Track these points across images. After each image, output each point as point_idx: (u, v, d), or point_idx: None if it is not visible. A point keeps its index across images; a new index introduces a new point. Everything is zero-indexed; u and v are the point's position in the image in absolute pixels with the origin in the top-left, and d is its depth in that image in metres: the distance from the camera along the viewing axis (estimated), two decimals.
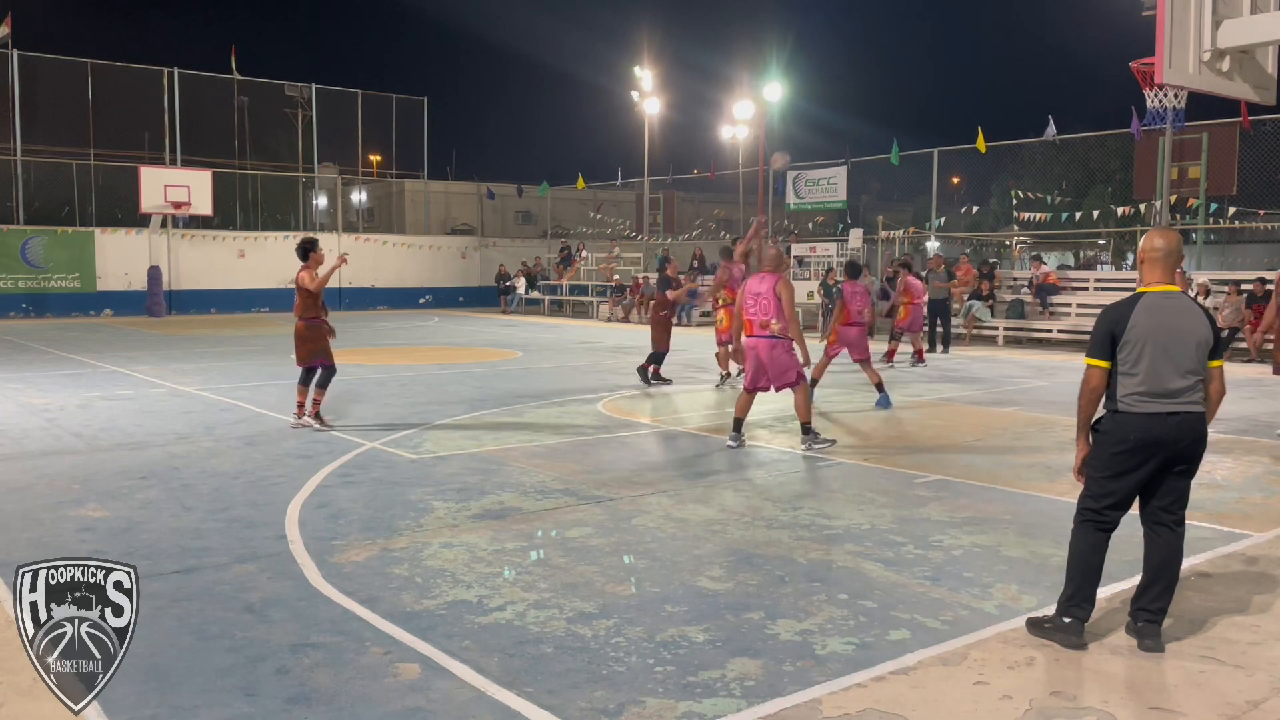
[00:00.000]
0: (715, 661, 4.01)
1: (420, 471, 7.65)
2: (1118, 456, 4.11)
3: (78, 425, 9.72)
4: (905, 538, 5.82)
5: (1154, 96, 17.73)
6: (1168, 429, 4.05)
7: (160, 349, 18.40)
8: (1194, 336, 4.08)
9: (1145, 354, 4.05)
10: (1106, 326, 4.12)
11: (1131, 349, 4.06)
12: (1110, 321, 4.12)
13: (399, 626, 4.38)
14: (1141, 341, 4.05)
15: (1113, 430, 4.12)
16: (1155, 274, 4.19)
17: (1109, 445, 4.13)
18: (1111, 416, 4.13)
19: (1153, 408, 4.05)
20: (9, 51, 30.02)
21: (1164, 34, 7.16)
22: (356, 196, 42.90)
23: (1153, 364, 4.04)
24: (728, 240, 19.08)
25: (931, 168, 24.81)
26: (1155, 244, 4.20)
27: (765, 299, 8.37)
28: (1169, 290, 4.13)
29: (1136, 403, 4.06)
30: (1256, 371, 15.24)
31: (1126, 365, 4.07)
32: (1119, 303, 4.19)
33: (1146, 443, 4.06)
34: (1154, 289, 4.15)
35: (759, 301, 8.41)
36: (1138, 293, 4.17)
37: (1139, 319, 4.07)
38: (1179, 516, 4.24)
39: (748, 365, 8.72)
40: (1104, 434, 4.16)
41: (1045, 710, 3.59)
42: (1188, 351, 4.07)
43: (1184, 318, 4.10)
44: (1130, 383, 4.07)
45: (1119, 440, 4.09)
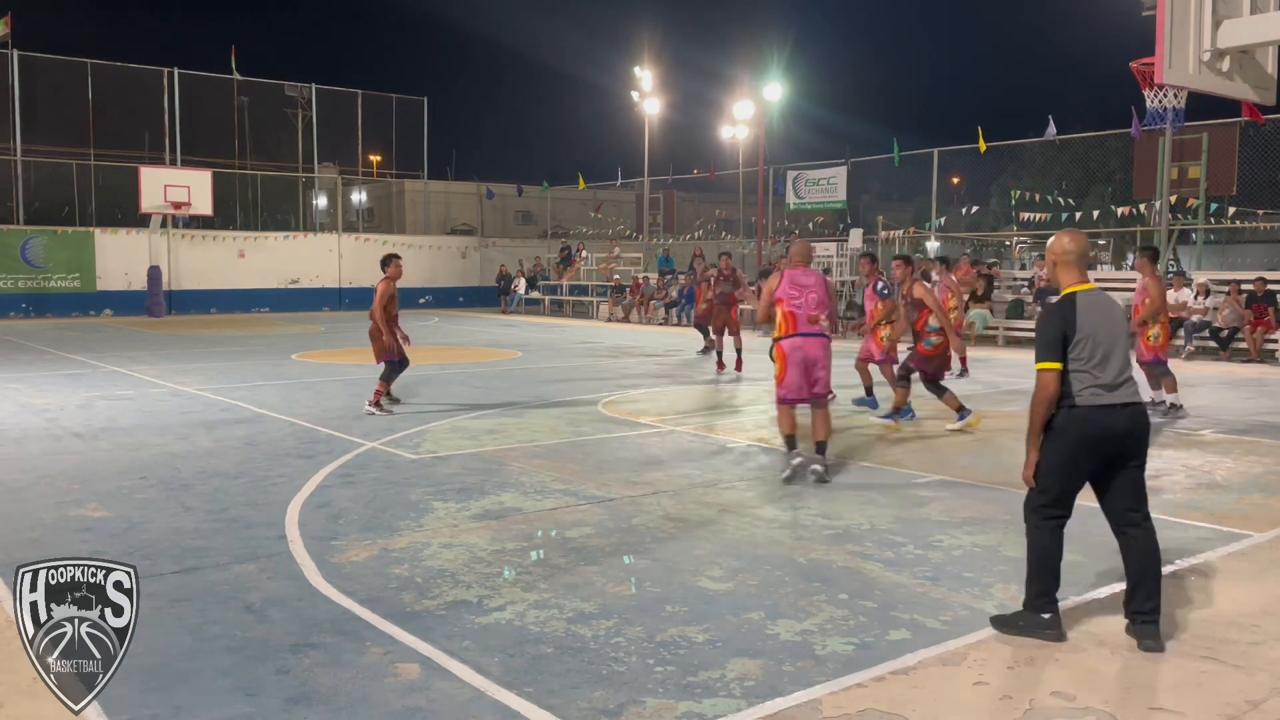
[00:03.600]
0: (715, 661, 4.01)
1: (420, 471, 7.65)
2: (1079, 451, 4.18)
3: (78, 425, 9.72)
4: (905, 538, 5.82)
5: (1154, 96, 17.72)
6: (1121, 420, 4.16)
7: (160, 349, 18.40)
8: (1123, 330, 4.28)
9: (1097, 350, 4.16)
10: (1057, 328, 4.19)
11: (1083, 347, 4.15)
12: (1059, 323, 4.20)
13: (399, 626, 4.38)
14: (1090, 338, 4.16)
15: (1073, 425, 4.17)
16: (1074, 274, 4.32)
17: (1070, 441, 4.18)
18: (1069, 413, 4.18)
19: (1106, 400, 4.15)
20: (9, 51, 30.02)
21: (1164, 34, 7.15)
22: (356, 196, 42.92)
23: (1103, 359, 4.16)
24: (727, 240, 19.16)
25: (931, 168, 24.82)
26: (1067, 246, 4.34)
27: (814, 292, 7.37)
28: (1091, 288, 4.28)
29: (1093, 397, 4.15)
30: (1257, 371, 15.24)
31: (1079, 363, 4.16)
32: (1059, 305, 4.28)
33: (1105, 435, 4.15)
34: (1081, 288, 4.28)
35: (805, 295, 7.33)
36: (1070, 293, 4.28)
37: (1084, 317, 4.18)
38: (1145, 513, 4.29)
39: (792, 372, 7.32)
40: (1063, 430, 4.20)
41: (1045, 710, 3.59)
42: (1122, 345, 4.24)
43: (1113, 312, 4.29)
44: (1085, 379, 4.15)
45: (1080, 435, 4.16)
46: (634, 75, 32.39)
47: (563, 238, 37.62)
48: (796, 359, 7.29)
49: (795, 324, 7.32)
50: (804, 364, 7.30)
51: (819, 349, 7.35)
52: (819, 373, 7.36)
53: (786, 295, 7.36)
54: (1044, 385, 4.19)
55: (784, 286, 7.39)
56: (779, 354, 7.40)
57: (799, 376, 7.30)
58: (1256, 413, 10.98)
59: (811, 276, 7.48)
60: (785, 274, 7.48)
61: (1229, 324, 16.88)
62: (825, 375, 7.42)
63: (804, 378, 7.32)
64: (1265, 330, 16.42)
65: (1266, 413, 10.98)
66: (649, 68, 32.18)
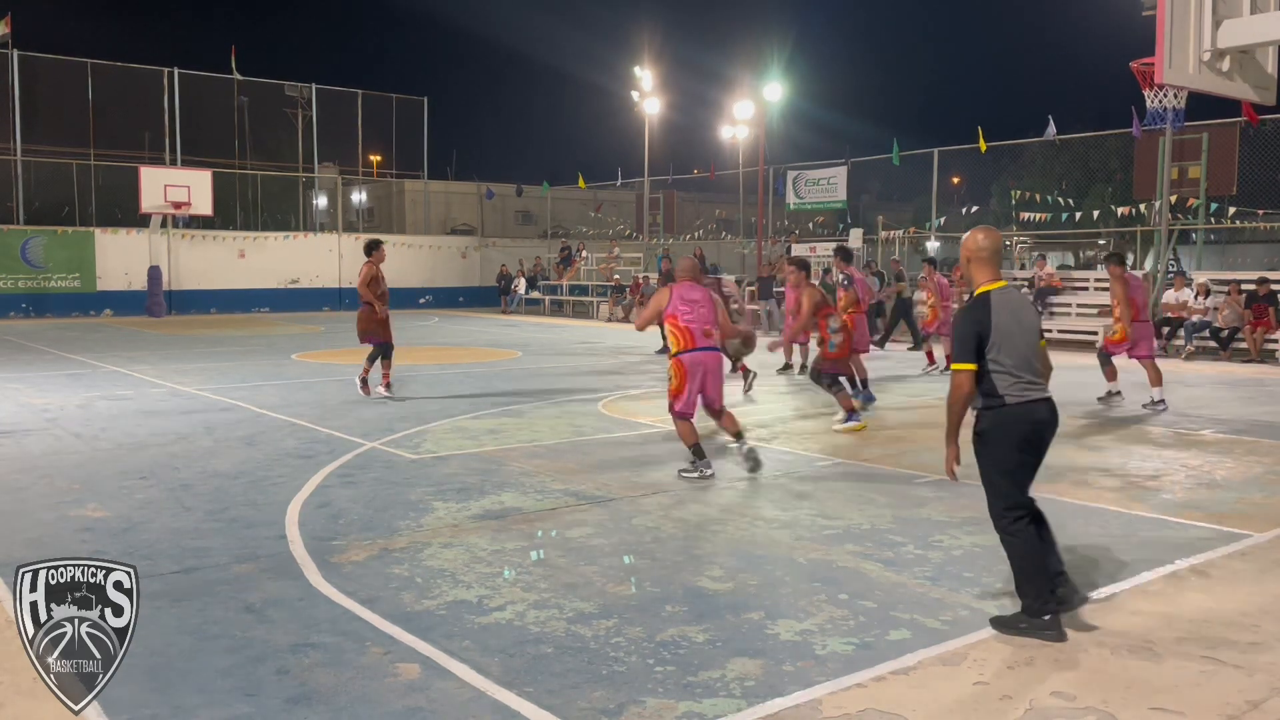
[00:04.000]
0: (715, 661, 4.01)
1: (420, 471, 7.65)
2: (1022, 447, 4.27)
3: (78, 425, 9.72)
4: (905, 538, 5.82)
5: (1154, 96, 17.74)
6: (1045, 412, 4.29)
7: (160, 349, 18.40)
8: (1036, 325, 4.37)
9: (1015, 348, 4.22)
10: (972, 329, 4.23)
11: (1001, 347, 4.21)
12: (975, 324, 4.24)
13: (399, 626, 4.38)
14: (1008, 337, 4.22)
15: (1009, 425, 4.24)
16: (987, 272, 4.37)
17: (1012, 441, 4.25)
18: (1001, 413, 4.24)
19: (1033, 394, 4.26)
20: (9, 51, 30.02)
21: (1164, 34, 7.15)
22: (356, 196, 42.92)
23: (1022, 356, 4.25)
24: (727, 240, 19.30)
25: (931, 168, 24.81)
26: (981, 243, 4.38)
27: (704, 306, 7.56)
28: (1004, 286, 4.34)
29: (1021, 392, 4.23)
30: (1257, 371, 15.25)
31: (1000, 365, 4.22)
32: (972, 305, 4.32)
33: (1037, 427, 4.27)
34: (994, 287, 4.33)
35: (696, 309, 7.50)
36: (983, 292, 4.31)
37: (999, 317, 4.23)
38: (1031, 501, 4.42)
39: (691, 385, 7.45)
40: (1001, 432, 4.26)
41: (1045, 710, 3.59)
42: (1036, 341, 4.34)
43: (1026, 310, 4.38)
44: (1009, 377, 4.22)
45: (1018, 433, 4.25)
46: (634, 75, 32.37)
47: (563, 238, 37.62)
48: (696, 373, 7.47)
49: (692, 339, 7.47)
50: (701, 378, 7.49)
51: (715, 362, 7.56)
52: (713, 385, 7.55)
53: (679, 311, 7.50)
54: (959, 385, 4.27)
55: (675, 302, 7.54)
56: (678, 368, 7.50)
57: (695, 390, 7.49)
58: (1256, 413, 10.98)
59: (699, 291, 7.65)
60: (675, 290, 7.61)
61: (1229, 324, 16.88)
62: (719, 387, 7.61)
63: (699, 391, 7.51)
64: (1265, 330, 16.42)
65: (1266, 413, 10.99)
66: (649, 68, 32.16)
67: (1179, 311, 17.74)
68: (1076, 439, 9.20)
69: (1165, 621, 4.47)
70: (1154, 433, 9.61)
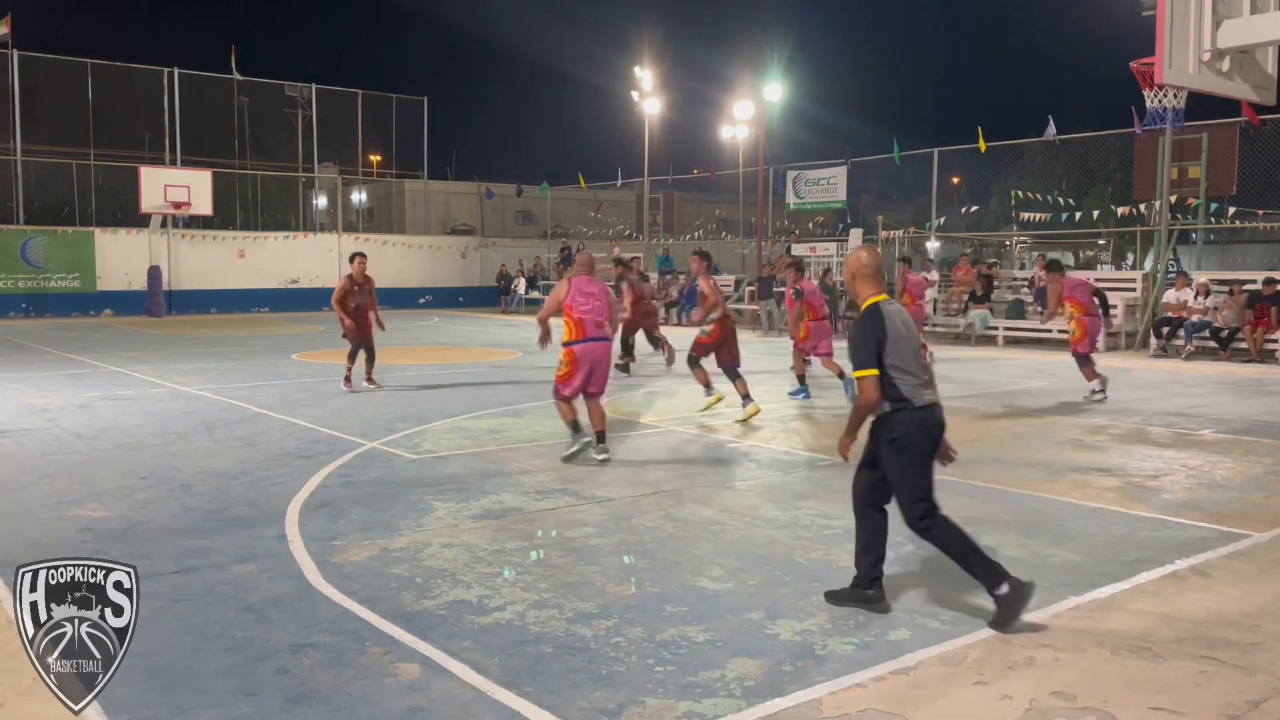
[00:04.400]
0: (715, 661, 4.01)
1: (420, 471, 7.65)
2: (927, 447, 4.48)
3: (78, 425, 9.72)
4: (905, 538, 5.80)
5: (1154, 96, 17.74)
6: (940, 415, 4.54)
7: (160, 349, 18.40)
8: (917, 333, 4.61)
9: (905, 354, 4.45)
10: (873, 336, 4.42)
11: (898, 353, 4.42)
12: (874, 331, 4.43)
13: (399, 626, 4.38)
14: (902, 344, 4.45)
15: (918, 427, 4.44)
16: (872, 286, 4.60)
17: (921, 442, 4.45)
18: (911, 415, 4.42)
19: (931, 398, 4.49)
20: (9, 51, 30.02)
21: (1164, 34, 7.14)
22: (356, 196, 42.93)
23: (912, 361, 4.48)
24: (727, 240, 19.42)
25: (931, 168, 24.81)
26: (865, 260, 4.64)
27: (598, 300, 7.98)
28: (886, 298, 4.58)
29: (921, 396, 4.45)
30: (1257, 371, 15.25)
31: (899, 370, 4.42)
32: (868, 315, 4.52)
33: (937, 429, 4.51)
34: (880, 299, 4.56)
35: (592, 302, 7.92)
36: (873, 303, 4.53)
37: (891, 324, 4.45)
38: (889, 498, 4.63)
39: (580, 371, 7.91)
40: (911, 434, 4.43)
41: (1045, 710, 3.59)
42: (919, 347, 4.58)
43: (908, 319, 4.62)
44: (911, 381, 4.43)
45: (924, 435, 4.46)
46: (634, 75, 32.37)
47: (563, 237, 37.62)
48: (586, 362, 7.89)
49: (585, 330, 7.89)
50: (591, 366, 7.92)
51: (604, 353, 8.02)
52: (600, 374, 8.02)
53: (575, 303, 7.92)
54: (867, 390, 4.43)
55: (572, 295, 7.96)
56: (569, 357, 7.91)
57: (584, 377, 7.92)
58: (1256, 413, 10.98)
59: (595, 285, 8.09)
60: (572, 283, 8.05)
61: (1229, 324, 16.88)
62: (605, 375, 8.11)
63: (587, 379, 7.94)
64: (1265, 330, 16.42)
65: (1266, 413, 10.98)
66: (649, 68, 32.16)
67: (1179, 311, 17.74)
68: (1076, 439, 9.20)
69: (1165, 621, 4.47)
70: (1154, 433, 9.61)
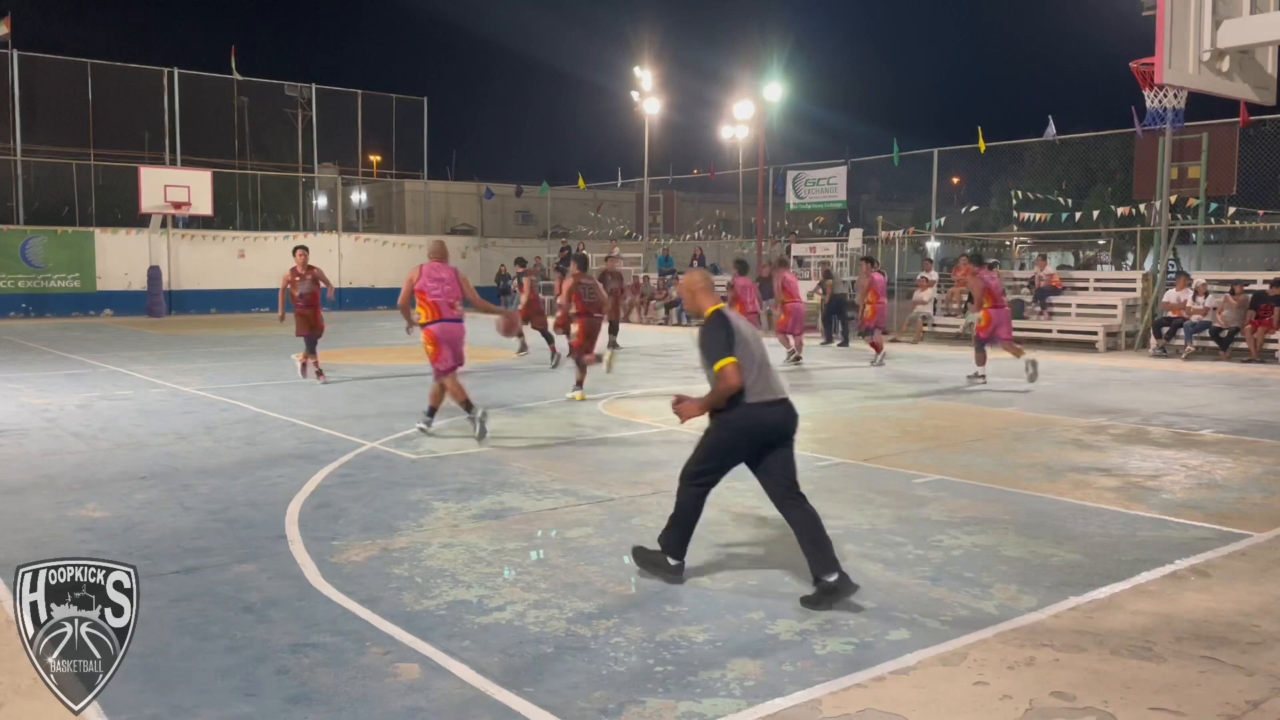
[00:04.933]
0: (715, 661, 4.01)
1: (420, 471, 7.64)
2: (741, 439, 4.83)
3: (78, 425, 9.72)
4: (905, 538, 5.82)
5: (1154, 96, 17.72)
6: (778, 414, 4.83)
7: (160, 349, 18.40)
8: (759, 339, 4.99)
9: (754, 356, 4.80)
10: (726, 332, 4.79)
11: (743, 354, 4.74)
12: (725, 329, 4.80)
13: (399, 626, 4.38)
14: (746, 345, 4.79)
15: (741, 420, 4.78)
16: (710, 298, 5.06)
17: (736, 432, 4.82)
18: (740, 409, 4.76)
19: (768, 397, 4.79)
20: (9, 51, 30.01)
21: (1164, 34, 7.14)
22: (356, 196, 42.90)
23: (759, 364, 4.81)
24: (727, 240, 19.64)
25: (931, 168, 24.79)
26: (698, 280, 5.15)
27: (449, 284, 8.84)
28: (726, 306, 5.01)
29: (758, 395, 4.76)
30: (1257, 371, 15.25)
31: (743, 367, 4.72)
32: (714, 318, 4.90)
33: (764, 427, 4.81)
34: (719, 306, 4.96)
35: (443, 286, 8.80)
36: (715, 310, 4.94)
37: (737, 325, 4.84)
38: (797, 487, 4.90)
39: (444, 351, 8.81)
40: (733, 422, 4.80)
41: (1045, 710, 3.59)
42: (765, 350, 4.94)
43: (751, 324, 5.05)
44: (749, 376, 4.74)
45: (744, 428, 4.80)
46: (634, 75, 32.36)
47: (563, 237, 37.61)
48: (445, 339, 8.78)
49: (439, 311, 8.76)
50: (450, 343, 8.81)
51: (459, 331, 8.90)
52: (460, 349, 8.91)
53: (427, 287, 8.77)
54: (728, 376, 4.68)
55: (424, 280, 8.79)
56: (429, 337, 8.82)
57: (449, 352, 8.81)
58: (1256, 413, 10.98)
59: (445, 270, 8.92)
60: (424, 269, 8.87)
61: (1229, 324, 16.87)
62: (461, 354, 8.97)
63: (452, 352, 8.82)
64: (1265, 330, 16.42)
65: (1266, 413, 10.98)
66: (649, 68, 32.15)
67: (1179, 311, 17.74)
68: (1076, 439, 9.20)
69: (1165, 621, 4.47)
70: (1154, 433, 9.62)
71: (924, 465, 7.85)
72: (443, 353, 8.79)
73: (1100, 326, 18.99)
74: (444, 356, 8.80)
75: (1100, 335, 18.84)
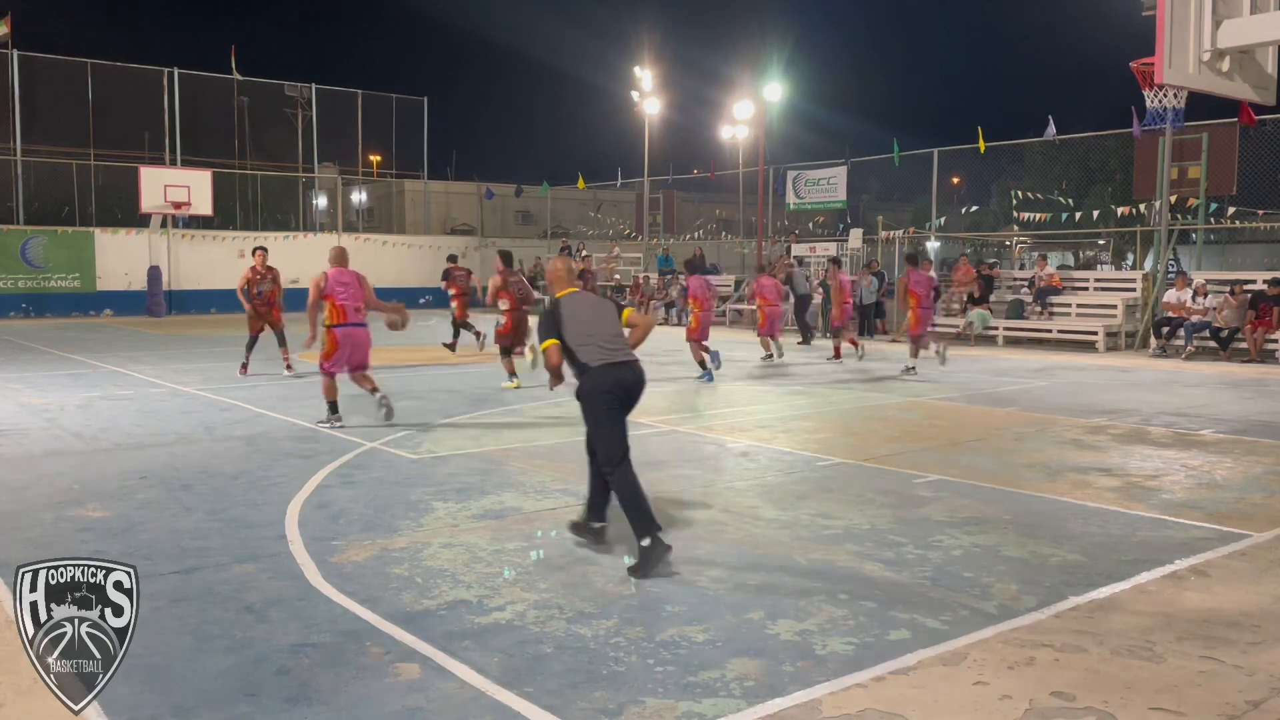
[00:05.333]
0: (715, 661, 4.01)
1: (420, 471, 7.64)
2: (608, 400, 5.41)
3: (78, 425, 9.72)
4: (905, 538, 5.82)
5: (1154, 96, 17.73)
6: (627, 373, 5.48)
7: (160, 349, 18.40)
8: (607, 311, 5.72)
9: (587, 330, 5.50)
10: (553, 319, 5.55)
11: (575, 332, 5.48)
12: (552, 316, 5.56)
13: (399, 626, 4.38)
14: (578, 323, 5.51)
15: (596, 384, 5.41)
16: (561, 285, 5.84)
17: (601, 396, 5.41)
18: (590, 376, 5.41)
19: (609, 359, 5.45)
20: (9, 51, 30.02)
21: (1164, 34, 7.14)
22: (356, 196, 42.89)
23: (592, 334, 5.50)
24: (727, 240, 19.76)
25: (931, 168, 24.79)
26: (558, 268, 5.95)
27: (354, 288, 9.32)
28: (575, 291, 5.78)
29: (599, 360, 5.42)
30: (1257, 371, 15.25)
31: (579, 342, 5.46)
32: (551, 305, 5.69)
33: (619, 383, 5.44)
34: (565, 293, 5.73)
35: (349, 290, 9.29)
36: (558, 297, 5.71)
37: (568, 311, 5.57)
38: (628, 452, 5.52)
39: (341, 353, 9.30)
40: (592, 391, 5.41)
41: (1045, 710, 3.59)
42: (608, 321, 5.64)
43: (593, 301, 5.79)
44: (589, 350, 5.44)
45: (603, 389, 5.40)
46: (634, 75, 32.35)
47: (563, 237, 37.61)
48: (347, 343, 9.27)
49: (345, 315, 9.25)
50: (352, 347, 9.30)
51: (363, 335, 9.41)
52: (360, 352, 9.39)
53: (335, 291, 9.23)
54: (549, 355, 5.51)
55: (331, 285, 9.27)
56: (331, 338, 9.27)
57: (345, 355, 9.28)
58: (1256, 413, 10.98)
59: (349, 275, 9.39)
60: (329, 274, 9.31)
61: (1229, 324, 16.87)
62: (365, 352, 9.46)
63: (349, 356, 9.29)
64: (1265, 330, 16.42)
65: (1266, 413, 10.99)
66: (649, 68, 32.12)
67: (1179, 311, 17.74)
68: (1077, 439, 9.20)
69: (1165, 621, 4.47)
70: (1154, 433, 9.62)
71: (924, 465, 7.85)
72: (340, 354, 9.27)
73: (1100, 326, 19.00)
74: (338, 358, 9.28)
75: (1100, 335, 18.85)
